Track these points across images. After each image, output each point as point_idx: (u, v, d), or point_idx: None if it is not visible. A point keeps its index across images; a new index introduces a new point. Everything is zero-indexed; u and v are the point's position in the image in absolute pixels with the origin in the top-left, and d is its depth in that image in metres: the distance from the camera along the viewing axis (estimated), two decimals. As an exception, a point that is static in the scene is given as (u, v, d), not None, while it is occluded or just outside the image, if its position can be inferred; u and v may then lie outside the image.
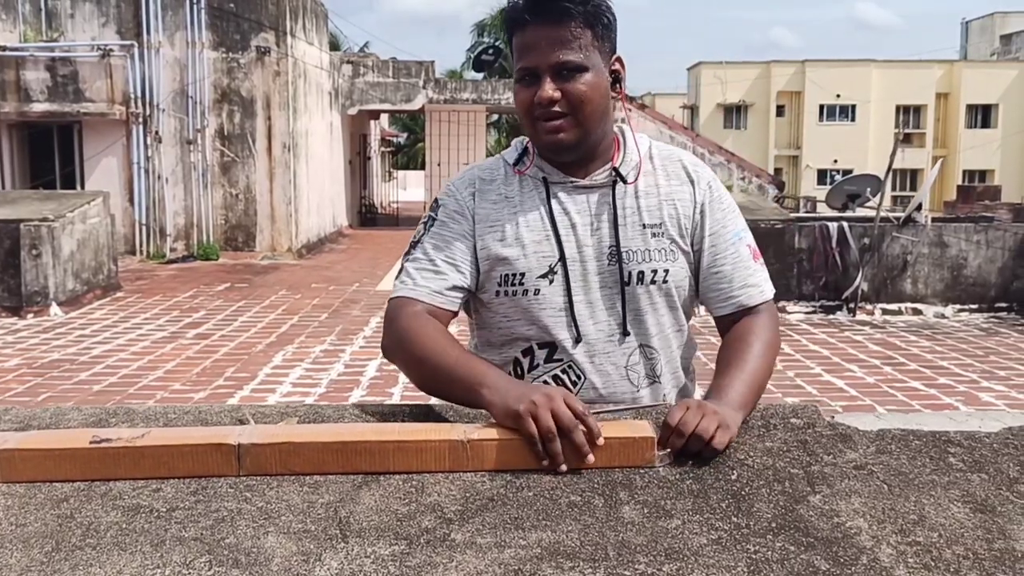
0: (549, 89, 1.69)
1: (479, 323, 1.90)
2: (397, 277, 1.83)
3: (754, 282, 1.84)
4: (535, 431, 1.40)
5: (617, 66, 1.78)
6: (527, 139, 1.87)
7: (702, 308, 1.94)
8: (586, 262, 1.79)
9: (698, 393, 1.95)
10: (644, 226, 1.79)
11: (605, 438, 1.42)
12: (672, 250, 1.81)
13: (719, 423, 1.46)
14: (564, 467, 1.40)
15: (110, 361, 8.35)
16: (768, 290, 1.86)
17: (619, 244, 1.78)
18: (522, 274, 1.78)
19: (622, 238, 1.78)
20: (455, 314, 1.81)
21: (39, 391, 7.23)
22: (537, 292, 1.78)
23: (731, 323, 1.83)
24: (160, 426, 1.61)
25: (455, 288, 1.78)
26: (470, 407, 1.61)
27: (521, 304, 1.80)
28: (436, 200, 1.88)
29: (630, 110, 2.34)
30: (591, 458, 1.41)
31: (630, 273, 1.78)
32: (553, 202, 1.80)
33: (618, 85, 1.79)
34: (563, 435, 1.40)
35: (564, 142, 1.74)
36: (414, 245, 1.84)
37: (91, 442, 1.41)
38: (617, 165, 1.82)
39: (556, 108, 1.70)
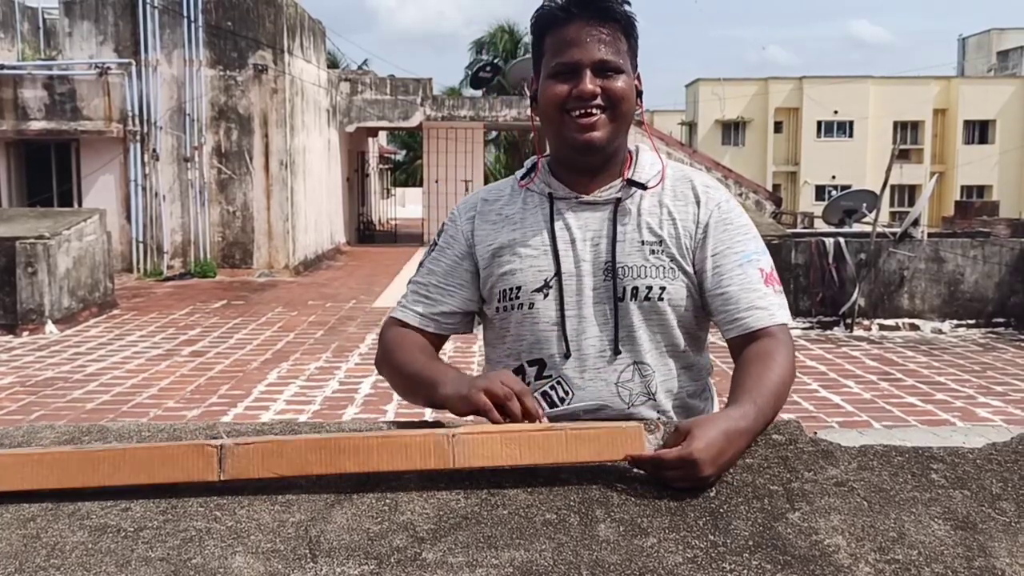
0: (590, 83, 1.71)
1: (486, 340, 1.94)
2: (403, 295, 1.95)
3: (762, 305, 1.74)
4: (487, 400, 1.50)
5: (637, 81, 1.80)
6: (536, 158, 1.89)
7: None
8: (582, 277, 1.78)
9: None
10: (643, 243, 1.77)
11: (593, 428, 1.41)
12: (672, 268, 1.77)
13: (692, 479, 1.39)
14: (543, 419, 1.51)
15: (104, 379, 8.32)
16: (780, 315, 1.75)
17: (615, 259, 1.76)
18: (518, 288, 1.80)
19: (619, 254, 1.77)
20: (442, 337, 1.90)
21: (32, 409, 7.20)
22: (532, 306, 1.79)
23: (742, 347, 1.74)
24: (134, 443, 1.59)
25: (443, 313, 1.86)
26: (437, 408, 1.68)
27: (516, 318, 1.81)
28: (443, 224, 1.96)
29: (645, 122, 2.33)
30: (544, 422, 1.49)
31: (624, 289, 1.76)
32: (555, 217, 1.80)
33: (639, 99, 1.81)
34: (518, 397, 1.51)
35: (596, 140, 1.73)
36: (418, 268, 1.93)
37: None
38: (630, 176, 1.81)
39: (594, 103, 1.72)
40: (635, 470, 1.43)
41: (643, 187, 1.80)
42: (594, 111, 1.72)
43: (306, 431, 1.66)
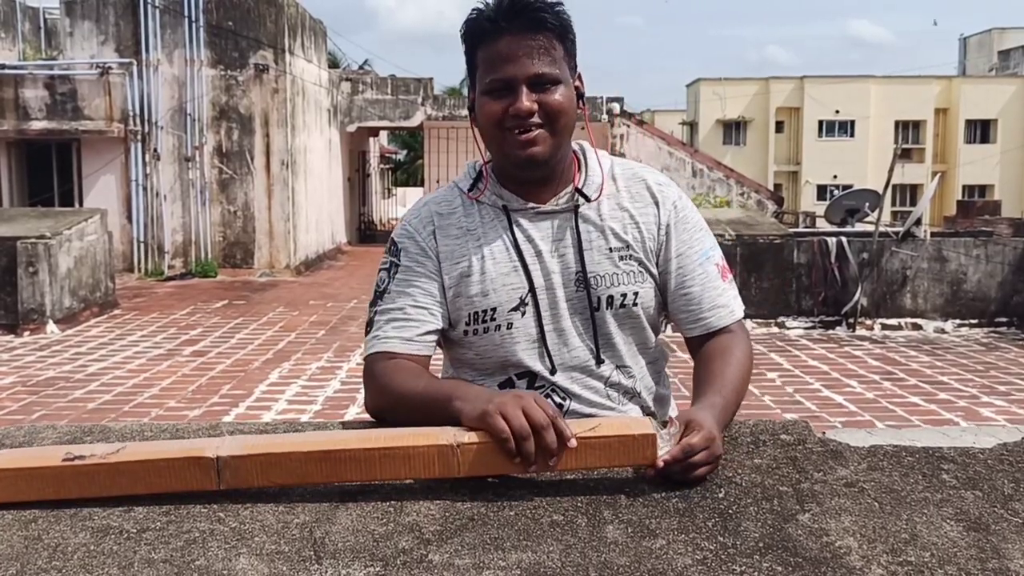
0: (527, 100, 1.65)
1: (451, 359, 1.87)
2: (367, 332, 1.78)
3: (723, 302, 1.79)
4: (505, 428, 1.35)
5: (578, 83, 1.75)
6: (479, 163, 1.83)
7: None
8: (554, 289, 1.75)
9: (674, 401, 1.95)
10: (611, 250, 1.75)
11: (604, 436, 1.36)
12: (640, 272, 1.77)
13: (714, 457, 1.42)
14: (534, 470, 1.36)
15: (106, 379, 8.31)
16: (738, 309, 1.81)
17: (585, 270, 1.74)
18: (493, 309, 1.74)
19: (588, 263, 1.74)
20: (428, 359, 1.76)
21: (33, 409, 7.19)
22: (510, 326, 1.74)
23: (701, 344, 1.79)
24: (132, 451, 1.57)
25: (428, 333, 1.73)
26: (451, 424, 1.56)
27: (494, 340, 1.75)
28: (394, 243, 1.82)
29: (588, 124, 2.27)
30: (554, 462, 1.36)
31: (599, 298, 1.75)
32: (516, 231, 1.75)
33: (580, 101, 1.76)
34: (535, 434, 1.35)
35: (538, 155, 1.69)
36: (380, 295, 1.79)
37: (64, 459, 1.37)
38: (580, 186, 1.77)
39: (532, 120, 1.66)
40: (643, 470, 1.41)
41: (587, 199, 1.76)
42: (532, 127, 1.67)
43: (309, 430, 1.65)
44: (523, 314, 1.74)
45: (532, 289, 1.74)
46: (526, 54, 1.65)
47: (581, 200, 1.77)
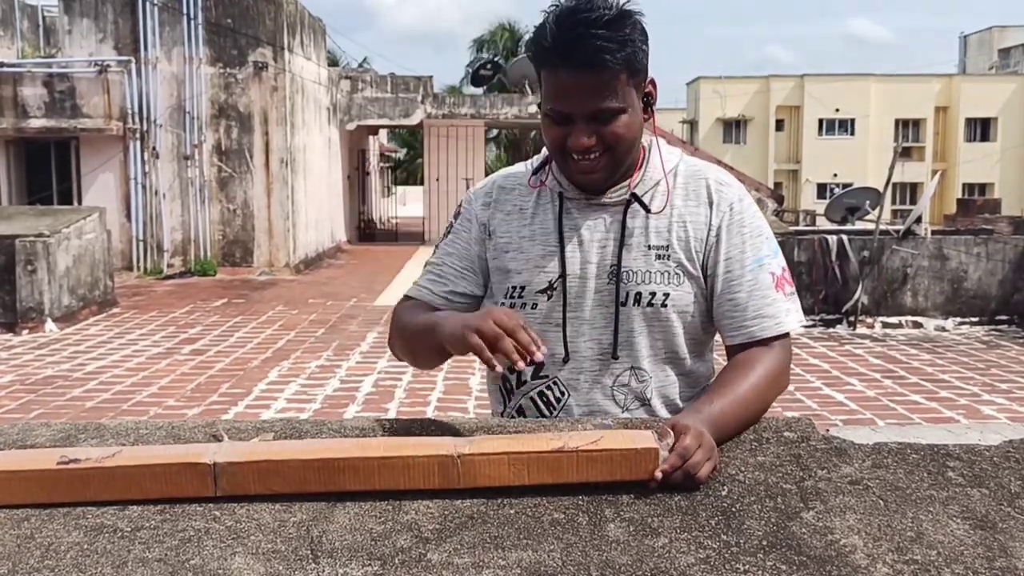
0: (584, 137, 1.65)
1: None
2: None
3: (771, 312, 1.72)
4: (480, 341, 1.47)
5: (650, 88, 1.72)
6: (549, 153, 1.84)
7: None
8: (587, 279, 1.75)
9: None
10: (649, 247, 1.74)
11: (606, 450, 1.35)
12: (677, 273, 1.74)
13: (711, 457, 1.39)
14: (521, 365, 1.45)
15: (104, 377, 8.29)
16: (788, 322, 1.74)
17: (620, 263, 1.73)
18: (523, 287, 1.78)
19: (624, 258, 1.73)
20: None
21: (31, 407, 7.17)
22: (535, 306, 1.77)
23: (736, 353, 1.74)
24: (131, 442, 1.55)
25: (456, 293, 1.84)
26: (439, 353, 1.68)
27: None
28: (459, 206, 1.95)
29: (656, 128, 2.23)
30: (539, 356, 1.46)
31: (627, 293, 1.73)
32: (565, 217, 1.77)
33: (649, 108, 1.74)
34: (510, 335, 1.47)
35: (596, 181, 1.73)
36: (436, 248, 1.94)
37: (59, 463, 1.35)
38: (636, 184, 1.76)
39: (592, 149, 1.66)
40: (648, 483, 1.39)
41: (647, 210, 1.75)
42: (592, 154, 1.67)
43: (308, 428, 1.63)
44: (549, 297, 1.77)
45: (563, 275, 1.76)
46: (586, 90, 1.63)
47: (643, 191, 1.77)
